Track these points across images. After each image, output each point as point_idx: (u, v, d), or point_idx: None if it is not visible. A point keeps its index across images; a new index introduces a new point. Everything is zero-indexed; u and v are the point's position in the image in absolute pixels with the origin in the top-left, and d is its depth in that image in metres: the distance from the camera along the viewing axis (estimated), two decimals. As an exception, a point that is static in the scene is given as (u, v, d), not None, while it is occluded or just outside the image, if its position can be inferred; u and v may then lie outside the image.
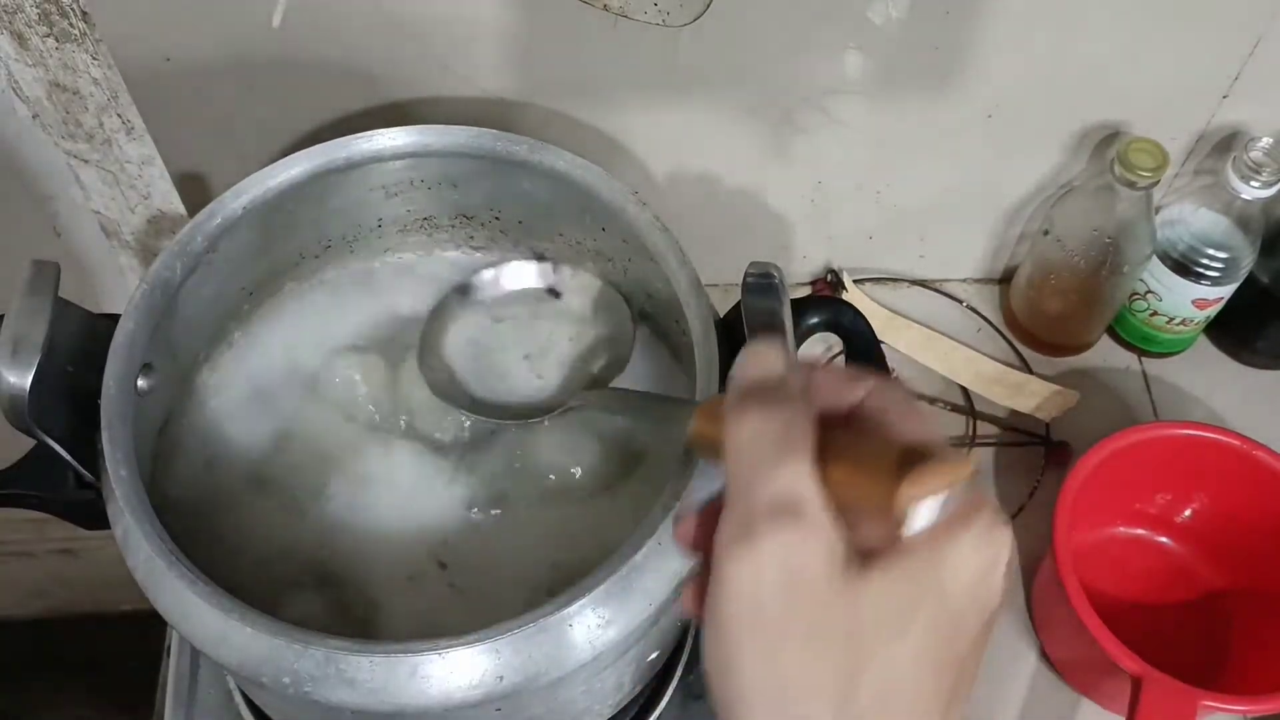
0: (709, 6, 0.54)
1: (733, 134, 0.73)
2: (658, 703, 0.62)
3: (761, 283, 0.48)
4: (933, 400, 0.83)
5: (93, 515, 0.48)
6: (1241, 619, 0.72)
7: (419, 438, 0.56)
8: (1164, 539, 0.76)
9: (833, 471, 0.30)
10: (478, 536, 0.53)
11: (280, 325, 0.59)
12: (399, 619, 0.51)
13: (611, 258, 0.58)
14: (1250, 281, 0.78)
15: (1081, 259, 0.76)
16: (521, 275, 0.59)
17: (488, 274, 0.59)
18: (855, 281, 0.86)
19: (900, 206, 0.81)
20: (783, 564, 0.29)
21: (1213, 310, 0.80)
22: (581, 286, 0.59)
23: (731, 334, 0.50)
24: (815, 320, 0.53)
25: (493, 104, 0.69)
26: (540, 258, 0.60)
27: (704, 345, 0.48)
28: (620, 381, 0.56)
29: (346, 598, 0.51)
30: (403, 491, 0.54)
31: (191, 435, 0.55)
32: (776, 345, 0.33)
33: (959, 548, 0.30)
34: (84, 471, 0.47)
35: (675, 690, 0.63)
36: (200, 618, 0.43)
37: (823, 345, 0.85)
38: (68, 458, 0.46)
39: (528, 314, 0.59)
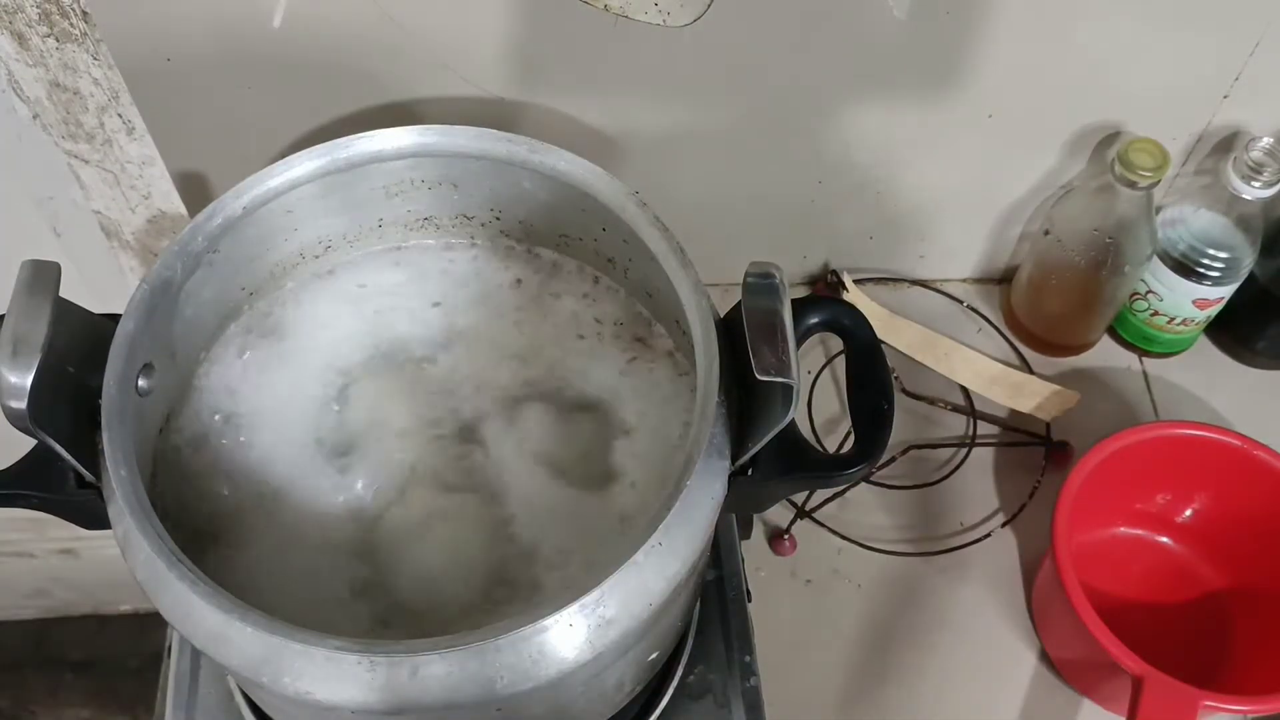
0: (710, 6, 0.54)
1: (733, 134, 0.73)
2: (658, 703, 0.62)
3: (761, 283, 0.48)
4: (933, 400, 0.83)
5: (93, 515, 0.48)
6: (1241, 619, 0.72)
7: (423, 435, 0.56)
8: (1164, 539, 0.76)
9: None
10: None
11: (282, 325, 0.59)
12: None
13: (611, 257, 0.58)
14: (1250, 281, 0.78)
15: (1082, 259, 0.76)
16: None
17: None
18: (855, 281, 0.86)
19: (900, 206, 0.81)
20: None
21: (1213, 310, 0.80)
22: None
23: (732, 334, 0.50)
24: (815, 320, 0.53)
25: (493, 104, 0.69)
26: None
27: (704, 345, 0.48)
28: (620, 378, 0.56)
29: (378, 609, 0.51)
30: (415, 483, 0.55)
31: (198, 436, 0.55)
32: None
33: None
34: (84, 471, 0.47)
35: (675, 690, 0.63)
36: (200, 618, 0.43)
37: (822, 345, 0.85)
38: (68, 458, 0.46)
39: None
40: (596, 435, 0.56)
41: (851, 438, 0.55)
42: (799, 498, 0.77)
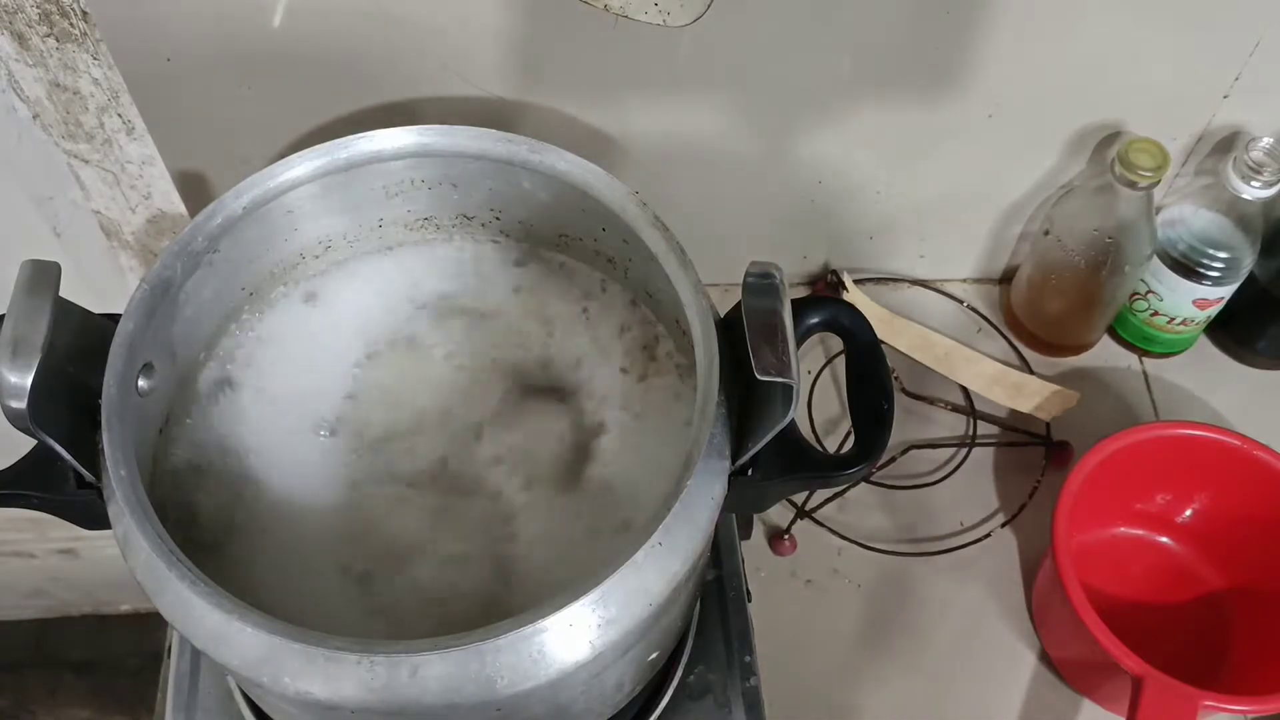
0: (709, 6, 0.54)
1: (733, 134, 0.73)
2: (658, 703, 0.62)
3: (761, 283, 0.48)
4: (933, 400, 0.83)
5: (93, 515, 0.48)
6: (1241, 619, 0.72)
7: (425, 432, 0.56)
8: (1164, 539, 0.76)
9: None
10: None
11: (285, 324, 0.59)
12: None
13: (612, 257, 0.58)
14: (1250, 281, 0.78)
15: (1082, 259, 0.76)
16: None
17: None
18: (855, 281, 0.86)
19: (900, 206, 0.81)
20: None
21: (1213, 310, 0.80)
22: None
23: (731, 334, 0.50)
24: (815, 320, 0.53)
25: (493, 104, 0.69)
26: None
27: (704, 345, 0.48)
28: (620, 378, 0.56)
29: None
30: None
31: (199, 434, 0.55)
32: None
33: None
34: (84, 471, 0.47)
35: (675, 690, 0.63)
36: (200, 618, 0.43)
37: (822, 345, 0.85)
38: (68, 458, 0.46)
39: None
40: (596, 434, 0.56)
41: (851, 438, 0.55)
42: (799, 498, 0.77)
